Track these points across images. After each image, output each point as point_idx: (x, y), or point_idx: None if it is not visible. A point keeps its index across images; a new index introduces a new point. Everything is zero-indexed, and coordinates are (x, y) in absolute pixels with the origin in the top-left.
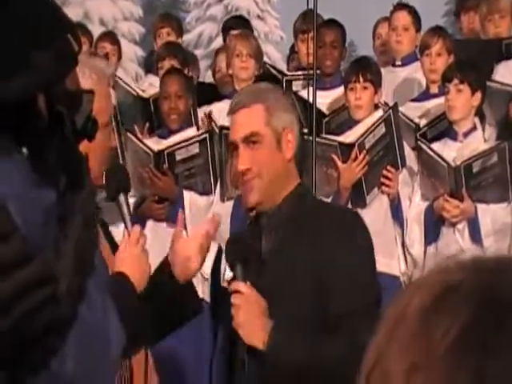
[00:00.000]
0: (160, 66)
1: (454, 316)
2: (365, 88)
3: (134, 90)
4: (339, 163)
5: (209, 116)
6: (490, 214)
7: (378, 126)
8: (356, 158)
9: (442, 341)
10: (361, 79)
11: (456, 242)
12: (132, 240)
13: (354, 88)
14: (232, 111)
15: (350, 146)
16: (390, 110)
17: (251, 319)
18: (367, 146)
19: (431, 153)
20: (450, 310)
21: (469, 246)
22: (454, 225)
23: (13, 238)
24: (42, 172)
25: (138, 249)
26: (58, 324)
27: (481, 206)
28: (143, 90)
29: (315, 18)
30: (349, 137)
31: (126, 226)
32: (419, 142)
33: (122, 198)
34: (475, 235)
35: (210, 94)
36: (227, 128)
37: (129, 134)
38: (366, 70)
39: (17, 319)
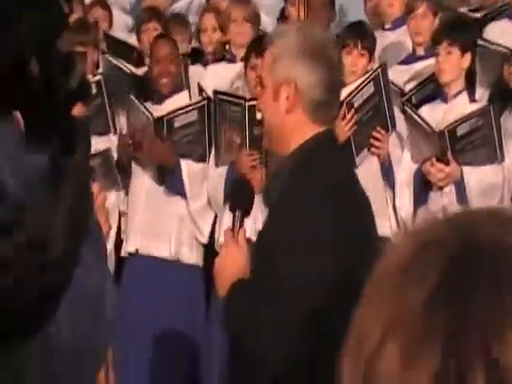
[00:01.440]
0: (144, 28)
1: (427, 272)
2: (362, 55)
3: (125, 66)
4: None
5: (199, 88)
6: (477, 177)
7: (366, 84)
8: (344, 116)
9: (416, 298)
10: (359, 46)
11: (445, 206)
12: None
13: (350, 52)
14: None
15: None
16: (379, 69)
17: (224, 268)
18: (356, 105)
19: (417, 117)
20: (425, 267)
21: (456, 208)
22: (441, 188)
23: (7, 200)
24: (34, 136)
25: None
26: (53, 288)
27: (467, 169)
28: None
29: None
30: None
31: None
32: (405, 107)
33: None
34: (462, 198)
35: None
36: (221, 93)
37: (132, 97)
38: (365, 36)
39: (12, 283)
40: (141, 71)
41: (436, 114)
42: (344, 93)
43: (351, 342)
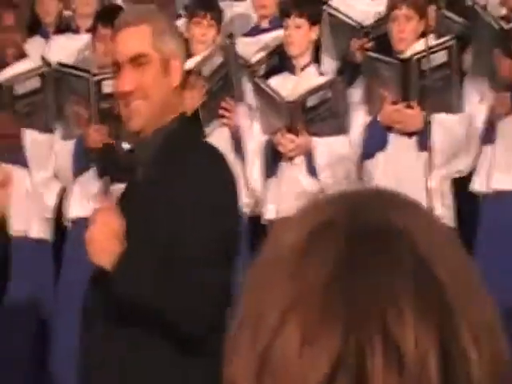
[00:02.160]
0: None
1: (325, 254)
2: (211, 26)
3: None
4: None
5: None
6: (326, 148)
7: (214, 54)
8: (193, 86)
9: (316, 279)
10: (208, 16)
11: (295, 176)
12: None
13: (199, 23)
14: (116, 30)
15: (187, 73)
16: (227, 40)
17: (102, 238)
18: (205, 73)
19: (267, 88)
20: (322, 248)
21: (306, 179)
22: (291, 159)
23: None
24: None
25: None
26: None
27: (317, 140)
28: None
29: None
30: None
31: None
32: (255, 78)
33: None
34: (311, 169)
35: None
36: (65, 65)
37: None
38: (213, 8)
39: None
40: None
41: (284, 86)
42: (193, 62)
43: (243, 328)
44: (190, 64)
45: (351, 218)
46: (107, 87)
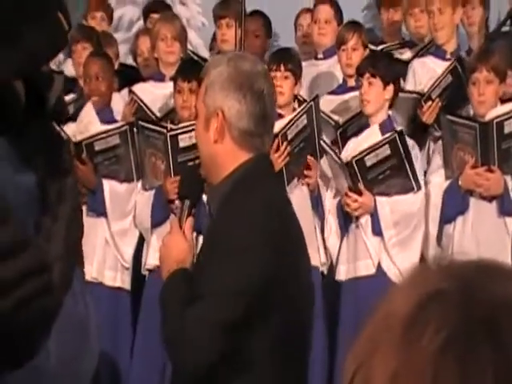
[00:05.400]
0: (73, 49)
1: (435, 327)
2: (285, 77)
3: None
4: None
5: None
6: (390, 206)
7: (300, 117)
8: (278, 148)
9: (424, 351)
10: (282, 68)
11: (361, 236)
12: None
13: (274, 76)
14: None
15: (273, 136)
16: (312, 102)
17: (166, 257)
18: (289, 136)
19: (329, 150)
20: (431, 321)
21: (370, 239)
22: (357, 219)
23: (10, 223)
24: (21, 155)
25: None
26: (47, 316)
27: (380, 199)
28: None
29: (243, 7)
30: None
31: None
32: (321, 142)
33: None
34: (375, 228)
35: (130, 76)
36: (144, 120)
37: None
38: (288, 60)
39: (13, 308)
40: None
41: (360, 145)
42: (278, 125)
43: (357, 382)
44: (276, 128)
45: (460, 291)
46: (183, 141)
